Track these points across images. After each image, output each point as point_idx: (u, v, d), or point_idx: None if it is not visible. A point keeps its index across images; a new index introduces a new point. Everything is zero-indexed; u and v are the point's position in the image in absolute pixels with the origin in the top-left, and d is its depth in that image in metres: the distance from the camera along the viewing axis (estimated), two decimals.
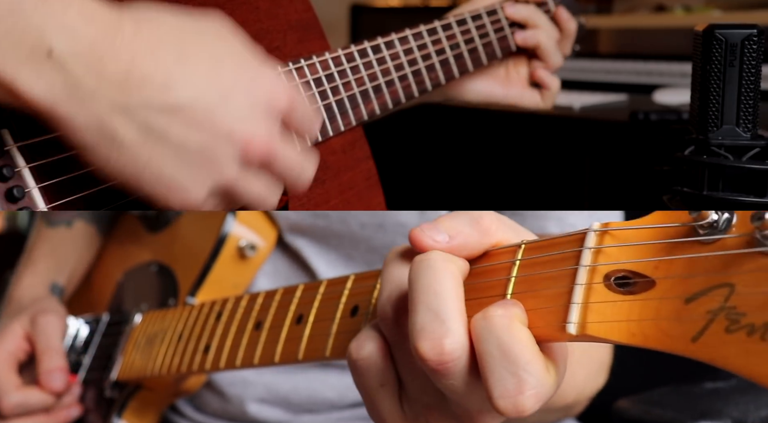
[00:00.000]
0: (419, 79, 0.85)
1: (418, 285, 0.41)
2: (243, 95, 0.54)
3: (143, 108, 0.50)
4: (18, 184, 0.54)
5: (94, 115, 0.50)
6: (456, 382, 0.40)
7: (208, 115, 0.52)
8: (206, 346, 0.68)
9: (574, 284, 0.38)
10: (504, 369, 0.38)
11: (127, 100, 0.50)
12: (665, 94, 1.46)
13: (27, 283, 0.95)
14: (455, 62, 0.89)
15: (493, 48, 0.93)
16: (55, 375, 0.79)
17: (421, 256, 0.42)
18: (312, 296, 0.58)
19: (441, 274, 0.41)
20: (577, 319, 0.38)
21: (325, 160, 0.77)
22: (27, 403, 0.79)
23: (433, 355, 0.39)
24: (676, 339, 0.34)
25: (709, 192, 0.78)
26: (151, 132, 0.51)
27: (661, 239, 0.37)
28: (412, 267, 0.42)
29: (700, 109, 0.79)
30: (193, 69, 0.52)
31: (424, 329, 0.39)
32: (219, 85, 0.53)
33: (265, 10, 0.75)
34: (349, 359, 0.45)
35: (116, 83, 0.49)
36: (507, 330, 0.38)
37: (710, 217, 0.35)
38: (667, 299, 0.35)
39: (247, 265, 0.83)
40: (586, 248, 0.39)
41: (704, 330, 0.33)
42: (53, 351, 0.81)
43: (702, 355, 0.33)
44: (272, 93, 0.56)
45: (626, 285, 0.37)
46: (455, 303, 0.40)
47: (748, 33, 0.77)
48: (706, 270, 0.34)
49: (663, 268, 0.36)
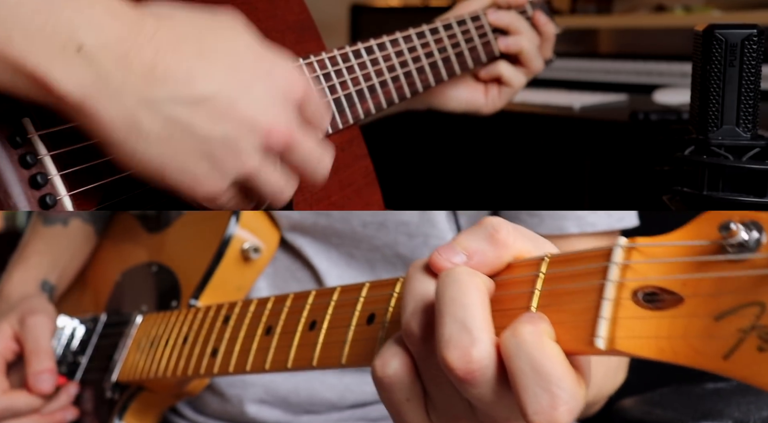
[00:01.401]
0: (410, 81, 0.86)
1: (445, 298, 0.41)
2: (262, 85, 0.56)
3: (168, 101, 0.52)
4: (41, 171, 0.55)
5: (123, 109, 0.51)
6: (483, 391, 0.40)
7: (231, 106, 0.54)
8: (214, 349, 0.67)
9: (601, 299, 0.38)
10: (537, 385, 0.38)
11: (152, 94, 0.51)
12: (665, 94, 1.46)
13: (17, 279, 0.94)
14: (443, 65, 0.91)
15: (478, 53, 0.95)
16: (43, 377, 0.79)
17: (447, 271, 0.42)
18: (325, 302, 0.58)
19: (467, 286, 0.41)
20: (606, 333, 0.38)
21: None
22: (13, 407, 0.79)
23: (461, 364, 0.39)
24: (707, 356, 0.34)
25: (709, 192, 0.78)
26: (177, 124, 0.52)
27: (689, 256, 0.37)
28: (438, 282, 0.42)
29: (700, 109, 0.79)
30: (214, 62, 0.54)
31: (452, 339, 0.40)
32: (239, 76, 0.55)
33: (264, 11, 0.76)
34: (374, 376, 0.45)
35: (142, 77, 0.51)
36: (538, 347, 0.39)
37: (739, 236, 0.35)
38: (696, 316, 0.35)
39: (251, 267, 0.83)
40: (614, 263, 0.39)
41: (736, 348, 0.33)
42: (42, 352, 0.81)
43: (734, 372, 0.33)
44: (290, 83, 0.57)
45: (654, 301, 0.37)
46: (482, 313, 0.40)
47: (748, 33, 0.77)
48: (736, 288, 0.35)
49: (691, 285, 0.36)
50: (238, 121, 0.54)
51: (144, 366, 0.77)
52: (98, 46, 0.50)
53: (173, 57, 0.52)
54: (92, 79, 0.50)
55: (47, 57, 0.49)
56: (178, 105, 0.52)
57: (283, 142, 0.56)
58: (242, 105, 0.54)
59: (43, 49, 0.48)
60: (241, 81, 0.55)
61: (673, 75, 1.56)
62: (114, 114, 0.51)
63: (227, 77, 0.54)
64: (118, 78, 0.50)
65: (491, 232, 0.44)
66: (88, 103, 0.50)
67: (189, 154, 0.54)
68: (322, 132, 0.61)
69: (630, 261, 0.39)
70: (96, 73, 0.50)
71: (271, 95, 0.56)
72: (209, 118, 0.53)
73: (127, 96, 0.51)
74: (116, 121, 0.51)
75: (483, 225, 0.44)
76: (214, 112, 0.53)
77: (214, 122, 0.53)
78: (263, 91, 0.56)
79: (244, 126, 0.54)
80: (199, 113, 0.53)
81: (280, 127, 0.56)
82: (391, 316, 0.51)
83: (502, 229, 0.44)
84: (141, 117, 0.52)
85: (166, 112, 0.52)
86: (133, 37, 0.51)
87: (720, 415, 0.82)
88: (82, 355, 0.88)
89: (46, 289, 0.95)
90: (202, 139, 0.53)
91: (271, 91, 0.56)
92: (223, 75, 0.54)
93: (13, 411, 0.79)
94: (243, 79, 0.55)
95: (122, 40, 0.50)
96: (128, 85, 0.51)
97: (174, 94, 0.52)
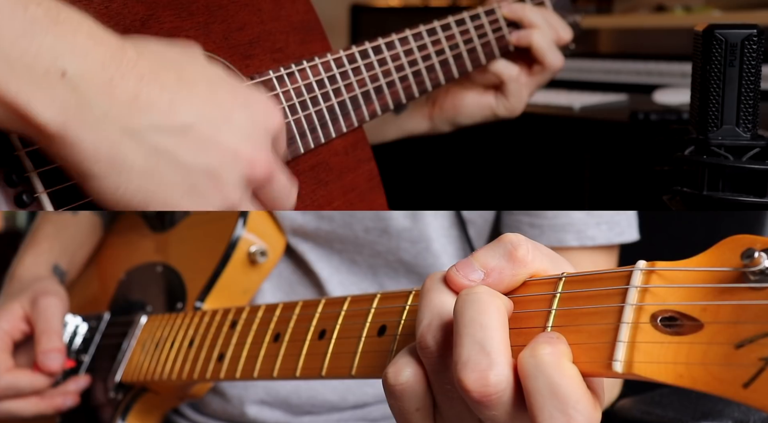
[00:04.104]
0: (419, 80, 0.85)
1: (465, 318, 0.41)
2: (242, 115, 0.55)
3: (152, 131, 0.51)
4: (27, 189, 0.54)
5: (105, 138, 0.49)
6: (498, 413, 0.40)
7: (214, 134, 0.53)
8: (220, 354, 0.67)
9: (620, 322, 0.38)
10: (554, 408, 0.38)
11: (136, 123, 0.50)
12: (665, 94, 1.46)
13: (29, 262, 0.94)
14: (455, 62, 0.89)
15: (491, 48, 0.93)
16: (52, 355, 0.79)
17: (468, 290, 0.42)
18: (335, 312, 0.57)
19: (486, 307, 0.41)
20: (624, 357, 0.38)
21: (328, 162, 0.77)
22: (16, 385, 0.79)
23: (478, 387, 0.39)
24: (726, 383, 0.34)
25: (709, 192, 0.78)
26: (161, 155, 0.51)
27: (709, 282, 0.37)
28: (458, 300, 0.42)
29: (700, 109, 0.79)
30: (194, 91, 0.53)
31: (470, 361, 0.40)
32: (219, 105, 0.54)
33: (268, 12, 0.76)
34: (386, 384, 0.45)
35: (125, 106, 0.49)
36: (556, 368, 0.38)
37: (762, 264, 0.35)
38: (716, 343, 0.35)
39: (257, 271, 0.83)
40: (633, 287, 0.39)
41: (757, 376, 0.33)
42: (52, 332, 0.81)
43: (754, 401, 0.33)
44: (267, 114, 0.57)
45: (673, 326, 0.37)
46: (501, 336, 0.40)
47: (748, 33, 0.77)
48: (757, 316, 0.34)
49: (711, 311, 0.36)
50: (222, 151, 0.53)
51: (148, 367, 0.77)
52: (82, 73, 0.48)
53: (155, 85, 0.51)
54: (74, 106, 0.48)
55: (28, 84, 0.47)
56: (161, 134, 0.51)
57: (264, 174, 0.56)
58: (224, 134, 0.53)
59: (24, 75, 0.46)
60: (221, 110, 0.54)
61: (673, 75, 1.56)
62: (95, 145, 0.49)
63: (208, 106, 0.53)
64: (101, 106, 0.49)
65: (510, 249, 0.44)
66: (69, 132, 0.48)
67: (173, 188, 0.52)
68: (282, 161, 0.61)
69: (649, 285, 0.39)
70: (78, 101, 0.48)
71: (251, 125, 0.55)
72: (193, 147, 0.52)
73: (110, 125, 0.49)
74: (98, 152, 0.49)
75: (502, 242, 0.44)
76: (196, 141, 0.52)
77: (197, 152, 0.52)
78: (243, 121, 0.55)
79: (227, 156, 0.53)
80: (184, 142, 0.52)
81: (263, 160, 0.55)
82: (403, 328, 0.51)
83: (521, 246, 0.44)
84: (124, 147, 0.50)
85: (150, 141, 0.51)
86: (116, 64, 0.49)
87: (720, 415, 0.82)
88: (85, 353, 0.88)
89: (57, 273, 0.95)
90: (186, 170, 0.52)
91: (250, 121, 0.55)
92: (204, 104, 0.53)
93: (16, 389, 0.79)
94: (223, 108, 0.54)
95: (106, 66, 0.49)
96: (111, 113, 0.49)
97: (157, 122, 0.51)
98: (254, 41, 0.73)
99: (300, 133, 0.73)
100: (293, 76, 0.74)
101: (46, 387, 0.80)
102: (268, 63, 0.74)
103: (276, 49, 0.75)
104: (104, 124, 0.49)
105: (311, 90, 0.75)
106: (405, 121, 1.02)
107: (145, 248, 0.94)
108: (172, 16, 0.67)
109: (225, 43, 0.71)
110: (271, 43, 0.75)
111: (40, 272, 0.93)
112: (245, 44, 0.73)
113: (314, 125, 0.75)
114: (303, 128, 0.74)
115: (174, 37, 0.66)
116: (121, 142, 0.50)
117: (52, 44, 0.47)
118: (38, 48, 0.46)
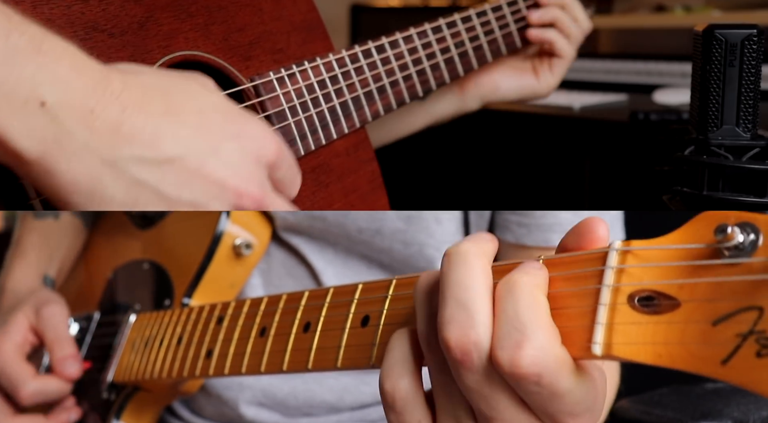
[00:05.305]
0: (423, 79, 0.84)
1: (449, 279, 0.41)
2: (232, 146, 0.53)
3: (133, 162, 0.49)
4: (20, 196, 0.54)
5: (85, 169, 0.48)
6: (480, 377, 0.40)
7: (199, 167, 0.51)
8: (208, 351, 0.67)
9: (597, 304, 0.38)
10: (512, 327, 0.39)
11: (117, 154, 0.49)
12: (665, 94, 1.46)
13: (19, 274, 0.94)
14: (460, 60, 0.89)
15: (498, 45, 0.93)
16: (69, 362, 0.79)
17: (453, 248, 0.43)
18: (319, 304, 0.57)
19: (471, 267, 0.41)
20: (602, 339, 0.38)
21: (329, 164, 0.77)
22: (46, 390, 0.79)
23: (459, 343, 0.40)
24: (704, 361, 0.34)
25: (709, 192, 0.78)
26: (143, 187, 0.50)
27: (684, 259, 0.37)
28: (444, 259, 0.43)
29: (700, 109, 0.79)
30: (181, 121, 0.52)
31: (452, 319, 0.40)
32: (207, 136, 0.52)
33: (269, 12, 0.75)
34: (385, 400, 0.45)
35: (107, 137, 0.48)
36: (525, 294, 0.39)
37: (736, 239, 0.35)
38: (693, 321, 0.35)
39: (243, 264, 0.83)
40: (609, 267, 0.39)
41: (734, 353, 0.33)
42: (63, 339, 0.81)
43: (732, 377, 0.33)
44: (261, 144, 0.55)
45: (650, 305, 0.37)
46: (483, 296, 0.41)
47: (748, 33, 0.77)
48: (733, 292, 0.34)
49: (688, 289, 0.36)
50: (207, 184, 0.52)
51: (139, 367, 0.77)
52: (61, 103, 0.47)
53: (139, 115, 0.49)
54: (53, 136, 0.47)
55: (7, 112, 0.46)
56: (143, 166, 0.50)
57: (255, 205, 0.54)
58: (210, 166, 0.52)
59: (3, 104, 0.46)
60: (209, 141, 0.52)
61: (673, 75, 1.56)
62: (75, 174, 0.48)
63: (195, 137, 0.52)
64: (81, 136, 0.48)
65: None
66: (47, 160, 0.47)
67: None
68: (292, 196, 0.59)
69: (625, 265, 0.39)
70: (58, 130, 0.47)
71: (240, 156, 0.53)
72: (177, 180, 0.51)
73: (90, 155, 0.48)
74: (77, 183, 0.48)
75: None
76: (181, 174, 0.51)
77: (182, 185, 0.51)
78: (232, 152, 0.53)
79: (213, 189, 0.52)
80: (166, 175, 0.50)
81: (252, 191, 0.54)
82: (386, 318, 0.51)
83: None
84: (104, 178, 0.49)
85: (131, 173, 0.49)
86: (98, 95, 0.48)
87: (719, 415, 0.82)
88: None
89: (47, 283, 0.95)
90: (169, 203, 0.51)
91: (240, 152, 0.54)
92: (191, 135, 0.52)
93: (44, 394, 0.79)
94: (211, 139, 0.52)
95: (87, 96, 0.48)
96: (92, 143, 0.48)
97: (139, 154, 0.49)
98: (255, 42, 0.73)
99: (300, 135, 0.73)
100: (294, 77, 0.73)
101: (69, 391, 0.81)
102: (269, 64, 0.74)
103: (277, 49, 0.75)
104: (84, 154, 0.48)
105: (312, 91, 0.74)
106: (432, 104, 1.01)
107: (131, 246, 0.93)
108: (170, 18, 0.66)
109: (225, 44, 0.70)
110: (271, 44, 0.74)
111: (32, 284, 0.93)
112: (245, 45, 0.72)
113: (315, 127, 0.74)
114: (303, 130, 0.73)
115: (173, 40, 0.66)
116: (101, 174, 0.49)
117: (32, 74, 0.46)
118: (18, 77, 0.46)
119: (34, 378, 0.79)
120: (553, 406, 0.39)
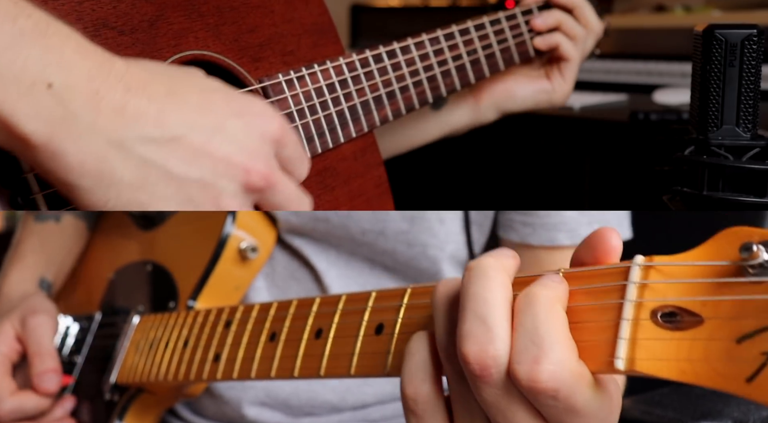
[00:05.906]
0: (434, 85, 0.84)
1: (469, 292, 0.42)
2: (235, 123, 0.54)
3: (139, 142, 0.50)
4: (22, 191, 0.54)
5: (92, 150, 0.49)
6: (498, 391, 0.40)
7: (204, 145, 0.52)
8: (216, 354, 0.67)
9: (620, 319, 0.38)
10: (530, 341, 0.39)
11: (122, 135, 0.49)
12: (665, 94, 1.46)
13: (15, 279, 0.94)
14: (471, 67, 0.88)
15: (511, 53, 0.93)
16: (47, 377, 0.79)
17: (475, 262, 0.43)
18: (331, 310, 0.57)
19: (492, 282, 0.42)
20: (625, 354, 0.38)
21: (336, 167, 0.76)
22: (23, 408, 0.79)
23: (478, 359, 0.40)
24: (729, 379, 0.34)
25: (709, 192, 0.78)
26: (151, 167, 0.50)
27: (708, 276, 0.37)
28: (465, 273, 0.43)
29: (700, 109, 0.79)
30: (184, 101, 0.52)
31: (471, 334, 0.40)
32: (210, 115, 0.53)
33: (280, 14, 0.75)
34: (407, 405, 0.45)
35: (112, 117, 0.49)
36: (545, 308, 0.40)
37: (761, 258, 0.35)
38: (717, 339, 0.35)
39: (249, 267, 0.83)
40: (632, 282, 0.39)
41: (759, 371, 0.33)
42: (44, 353, 0.80)
43: (758, 396, 0.33)
44: (264, 121, 0.55)
45: (673, 321, 0.37)
46: (503, 311, 0.41)
47: (748, 33, 0.77)
48: (757, 310, 0.34)
49: (711, 306, 0.36)
50: (214, 161, 0.52)
51: (143, 368, 0.77)
52: (68, 85, 0.47)
53: (143, 96, 0.50)
54: (60, 118, 0.47)
55: (13, 95, 0.46)
56: (149, 145, 0.50)
57: (263, 181, 0.54)
58: (215, 144, 0.52)
59: (10, 87, 0.46)
60: (213, 119, 0.53)
61: (673, 75, 1.56)
62: (83, 156, 0.48)
63: (198, 116, 0.52)
64: (87, 118, 0.48)
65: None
66: (54, 144, 0.47)
67: (166, 200, 0.51)
68: (300, 179, 0.59)
69: (648, 280, 0.38)
70: (64, 113, 0.47)
71: (245, 133, 0.54)
72: (183, 158, 0.51)
73: (97, 137, 0.48)
74: (85, 165, 0.48)
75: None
76: (187, 152, 0.51)
77: (189, 163, 0.51)
78: (237, 129, 0.54)
79: (220, 166, 0.52)
80: (173, 154, 0.51)
81: (258, 167, 0.54)
82: (401, 327, 0.51)
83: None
84: (112, 159, 0.49)
85: (138, 153, 0.50)
86: (103, 76, 0.49)
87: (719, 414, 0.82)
88: (78, 354, 0.88)
89: (44, 287, 0.95)
90: (178, 182, 0.51)
91: (244, 129, 0.54)
92: (195, 113, 0.52)
93: (22, 412, 0.79)
94: (215, 117, 0.53)
95: (92, 78, 0.48)
96: (98, 125, 0.48)
97: (145, 133, 0.50)
98: (265, 43, 0.73)
99: (307, 137, 0.72)
100: (303, 80, 0.73)
101: (49, 406, 0.80)
102: (279, 66, 0.73)
103: (287, 51, 0.75)
104: (90, 136, 0.48)
105: (321, 94, 0.74)
106: (446, 115, 1.01)
107: (133, 247, 0.93)
108: (181, 17, 0.66)
109: (235, 45, 0.70)
110: (282, 46, 0.74)
111: (26, 288, 0.93)
112: (255, 46, 0.72)
113: (322, 130, 0.74)
114: (311, 133, 0.73)
115: (183, 39, 0.66)
116: (108, 155, 0.49)
117: (39, 56, 0.47)
118: (25, 60, 0.46)
119: (12, 395, 0.79)
120: (569, 420, 0.39)
